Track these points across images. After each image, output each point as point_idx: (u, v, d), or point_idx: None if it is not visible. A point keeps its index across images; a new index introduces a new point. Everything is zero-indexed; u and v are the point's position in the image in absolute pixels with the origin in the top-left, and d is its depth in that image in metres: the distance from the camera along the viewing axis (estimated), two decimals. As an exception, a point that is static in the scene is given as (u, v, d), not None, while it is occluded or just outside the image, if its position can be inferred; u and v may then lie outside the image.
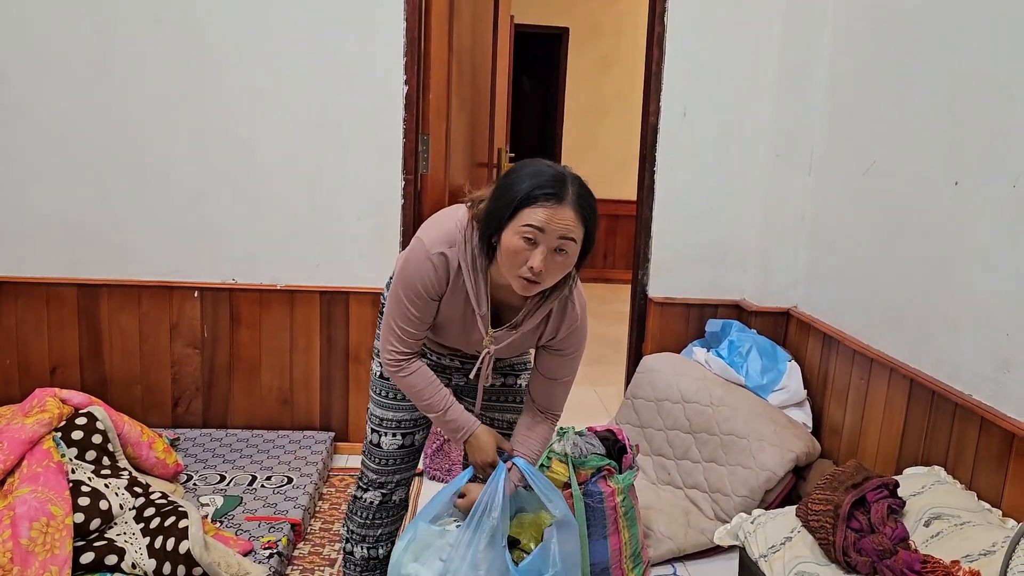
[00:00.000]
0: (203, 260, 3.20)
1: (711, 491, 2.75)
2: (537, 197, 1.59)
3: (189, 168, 3.14)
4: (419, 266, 1.72)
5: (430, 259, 1.71)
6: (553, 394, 1.91)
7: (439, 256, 1.71)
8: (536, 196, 1.59)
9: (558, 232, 1.60)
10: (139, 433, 2.62)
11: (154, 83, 3.07)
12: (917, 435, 2.33)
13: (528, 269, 1.61)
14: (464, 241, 1.71)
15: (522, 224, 1.59)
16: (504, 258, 1.64)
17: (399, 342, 1.81)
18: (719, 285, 3.35)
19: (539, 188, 1.59)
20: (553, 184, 1.60)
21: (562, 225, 1.60)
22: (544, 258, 1.60)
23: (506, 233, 1.61)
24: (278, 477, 2.86)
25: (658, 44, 3.19)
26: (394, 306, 1.79)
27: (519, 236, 1.59)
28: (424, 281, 1.73)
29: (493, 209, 1.64)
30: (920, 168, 2.41)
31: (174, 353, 3.25)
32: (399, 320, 1.79)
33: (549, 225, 1.59)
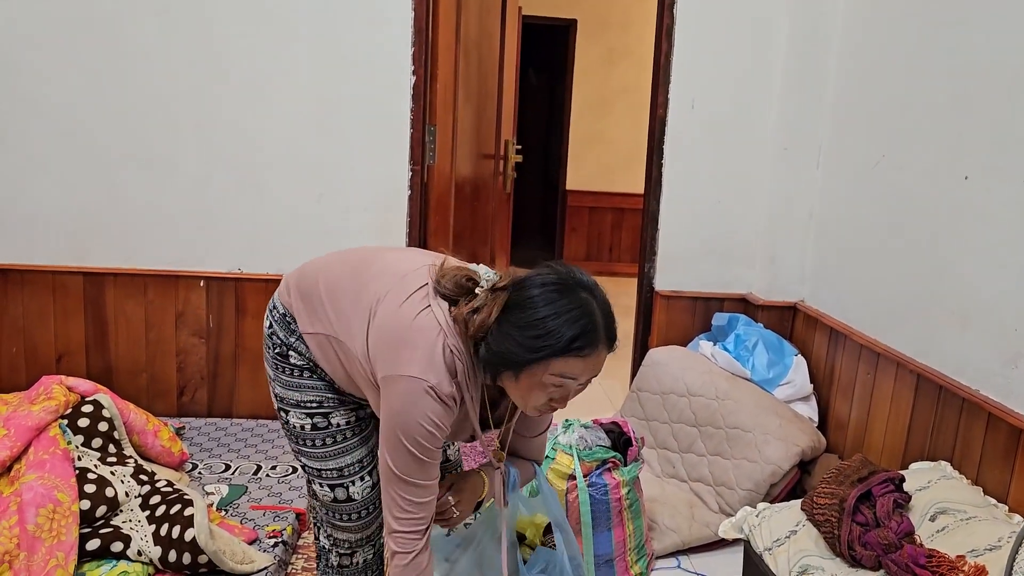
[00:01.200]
0: (209, 250, 3.20)
1: (716, 484, 2.74)
2: (573, 351, 1.41)
3: (195, 158, 3.14)
4: (425, 407, 1.45)
5: (439, 398, 1.45)
6: (540, 447, 1.83)
7: (450, 392, 1.46)
8: (572, 350, 1.41)
9: (592, 375, 1.48)
10: (145, 421, 2.63)
11: (160, 73, 3.07)
12: (923, 430, 2.33)
13: (553, 408, 1.51)
14: (466, 371, 1.48)
15: (555, 374, 1.43)
16: (518, 394, 1.49)
17: (411, 514, 1.50)
18: (726, 279, 3.35)
19: (576, 342, 1.40)
20: (588, 331, 1.41)
21: (597, 368, 1.48)
22: (574, 392, 1.49)
23: (526, 375, 1.44)
24: (283, 466, 2.86)
25: (667, 36, 3.17)
26: (398, 465, 1.48)
27: (548, 383, 1.45)
28: (436, 420, 1.46)
29: (509, 353, 1.43)
30: (929, 162, 2.40)
31: (179, 342, 3.25)
32: (412, 477, 1.49)
33: (584, 374, 1.46)
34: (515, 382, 1.47)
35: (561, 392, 1.47)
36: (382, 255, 1.70)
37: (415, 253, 1.71)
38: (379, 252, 1.73)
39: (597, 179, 7.37)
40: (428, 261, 1.62)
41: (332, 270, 1.71)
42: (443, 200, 3.49)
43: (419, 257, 1.66)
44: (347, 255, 1.76)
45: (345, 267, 1.70)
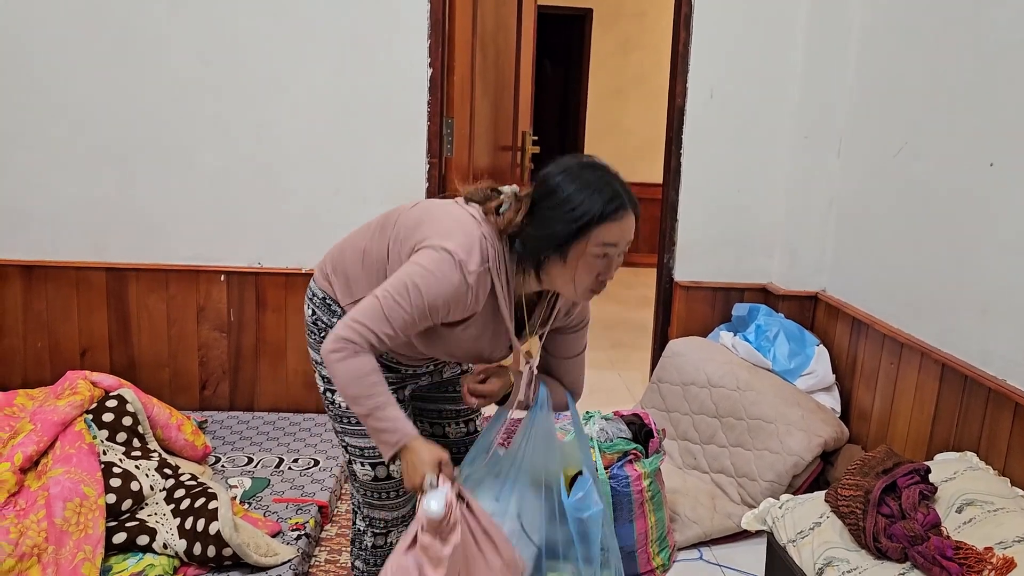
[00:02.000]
0: (229, 244, 3.22)
1: (738, 476, 2.73)
2: (608, 214, 1.51)
3: (214, 152, 3.15)
4: (450, 281, 1.53)
5: (466, 278, 1.53)
6: (577, 373, 1.87)
7: (479, 276, 1.55)
8: (607, 214, 1.51)
9: (629, 238, 1.57)
10: (168, 415, 2.65)
11: (178, 67, 3.08)
12: (949, 420, 2.30)
13: (601, 283, 1.58)
14: (498, 259, 1.58)
15: (597, 244, 1.52)
16: (566, 277, 1.56)
17: (368, 331, 1.54)
18: (746, 269, 3.32)
19: (609, 205, 1.51)
20: (616, 195, 1.53)
21: (631, 230, 1.57)
22: (616, 264, 1.57)
23: (573, 252, 1.53)
24: (305, 459, 2.88)
25: (684, 25, 3.14)
26: (393, 300, 1.54)
27: (593, 256, 1.53)
28: (451, 299, 1.54)
29: (553, 233, 1.53)
30: (952, 149, 2.36)
31: (201, 336, 3.27)
32: (390, 315, 1.54)
33: (623, 235, 1.55)
34: (563, 264, 1.56)
35: (605, 264, 1.56)
36: (402, 209, 1.78)
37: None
38: (398, 208, 1.80)
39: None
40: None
41: (357, 237, 1.80)
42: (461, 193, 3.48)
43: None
44: (368, 223, 1.84)
45: (369, 229, 1.79)
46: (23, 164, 3.12)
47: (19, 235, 3.17)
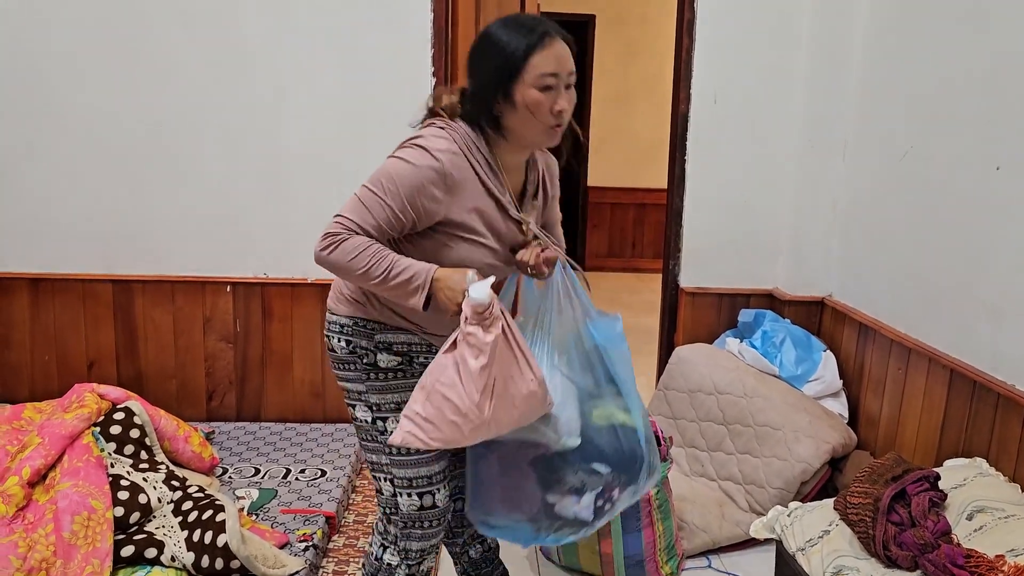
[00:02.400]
0: (234, 255, 3.23)
1: (745, 483, 2.72)
2: (536, 44, 1.57)
3: (219, 164, 3.16)
4: (421, 165, 1.59)
5: (435, 157, 1.59)
6: (560, 236, 1.91)
7: (451, 157, 1.61)
8: (534, 44, 1.57)
9: (567, 67, 1.62)
10: (175, 427, 2.65)
11: (183, 80, 3.09)
12: (958, 426, 2.29)
13: (557, 114, 1.61)
14: (468, 140, 1.64)
15: (537, 75, 1.58)
16: (523, 119, 1.61)
17: (351, 222, 1.61)
18: (751, 274, 3.31)
19: (532, 35, 1.58)
20: (538, 24, 1.60)
21: (567, 58, 1.62)
22: (566, 97, 1.62)
23: (519, 94, 1.59)
24: (312, 470, 2.88)
25: (688, 31, 3.14)
26: (370, 192, 1.62)
27: (536, 88, 1.58)
28: (427, 182, 1.59)
29: (491, 80, 1.59)
30: (959, 153, 2.36)
31: (208, 347, 3.28)
32: (370, 206, 1.60)
33: (560, 64, 1.60)
34: (514, 109, 1.60)
35: (555, 96, 1.60)
36: None
37: None
38: None
39: (619, 174, 7.34)
40: None
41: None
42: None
43: None
44: None
45: None
46: (30, 177, 3.13)
47: (26, 248, 3.19)
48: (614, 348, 1.74)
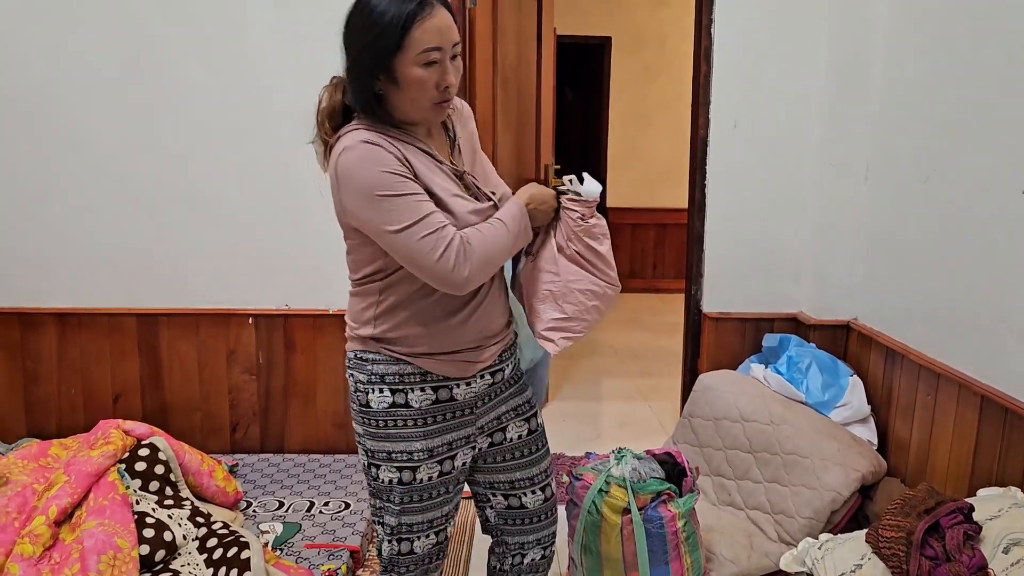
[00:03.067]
0: (257, 287, 3.25)
1: (774, 512, 2.68)
2: (416, 14, 1.45)
3: (240, 196, 3.19)
4: (374, 154, 1.50)
5: (373, 142, 1.51)
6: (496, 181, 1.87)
7: (380, 141, 1.53)
8: (415, 13, 1.45)
9: (452, 38, 1.52)
10: (200, 462, 2.66)
11: (203, 113, 3.13)
12: (990, 454, 2.24)
13: (444, 90, 1.53)
14: (374, 131, 1.54)
15: (419, 51, 1.48)
16: (408, 97, 1.52)
17: (439, 245, 1.50)
18: (775, 298, 3.28)
19: (409, 3, 1.45)
20: None
21: (451, 28, 1.52)
22: (452, 70, 1.53)
23: (400, 70, 1.49)
24: (335, 502, 2.88)
25: (705, 57, 3.14)
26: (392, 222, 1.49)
27: (419, 65, 1.49)
28: (393, 160, 1.51)
29: (369, 58, 1.49)
30: (982, 176, 2.32)
31: (231, 379, 3.29)
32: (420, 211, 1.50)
33: (444, 36, 1.50)
34: (397, 88, 1.51)
35: (441, 71, 1.51)
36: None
37: None
38: None
39: (638, 195, 7.34)
40: None
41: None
42: (486, 229, 3.49)
43: None
44: None
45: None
46: (52, 212, 3.18)
47: (52, 283, 3.23)
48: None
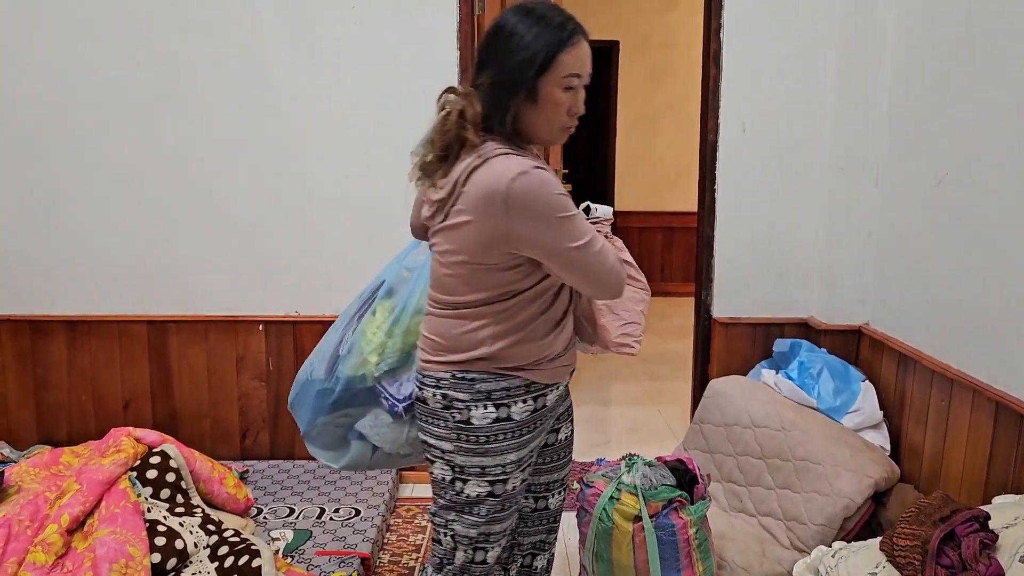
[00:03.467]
0: (266, 294, 3.25)
1: (786, 519, 2.67)
2: (567, 41, 1.54)
3: (249, 203, 3.19)
4: (546, 179, 1.53)
5: (538, 169, 1.52)
6: None
7: (539, 167, 1.55)
8: (566, 40, 1.53)
9: (588, 68, 1.59)
10: (210, 469, 2.66)
11: (213, 121, 3.14)
12: (1006, 461, 2.23)
13: (573, 115, 1.60)
14: (527, 157, 1.56)
15: (564, 75, 1.54)
16: (544, 117, 1.57)
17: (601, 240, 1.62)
18: (785, 303, 3.27)
19: (564, 30, 1.54)
20: (569, 20, 1.56)
21: (589, 59, 1.59)
22: (582, 99, 1.60)
23: (543, 90, 1.55)
24: (346, 509, 2.87)
25: (714, 61, 3.13)
26: (576, 236, 1.55)
27: (560, 87, 1.55)
28: (557, 183, 1.57)
29: (515, 76, 1.52)
30: (997, 180, 2.31)
31: (241, 386, 3.30)
32: (589, 228, 1.59)
33: (584, 65, 1.57)
34: (535, 106, 1.56)
35: (575, 98, 1.59)
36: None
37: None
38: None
39: (645, 198, 7.32)
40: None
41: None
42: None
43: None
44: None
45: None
46: (62, 220, 3.19)
47: (62, 291, 3.24)
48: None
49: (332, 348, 1.98)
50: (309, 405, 1.99)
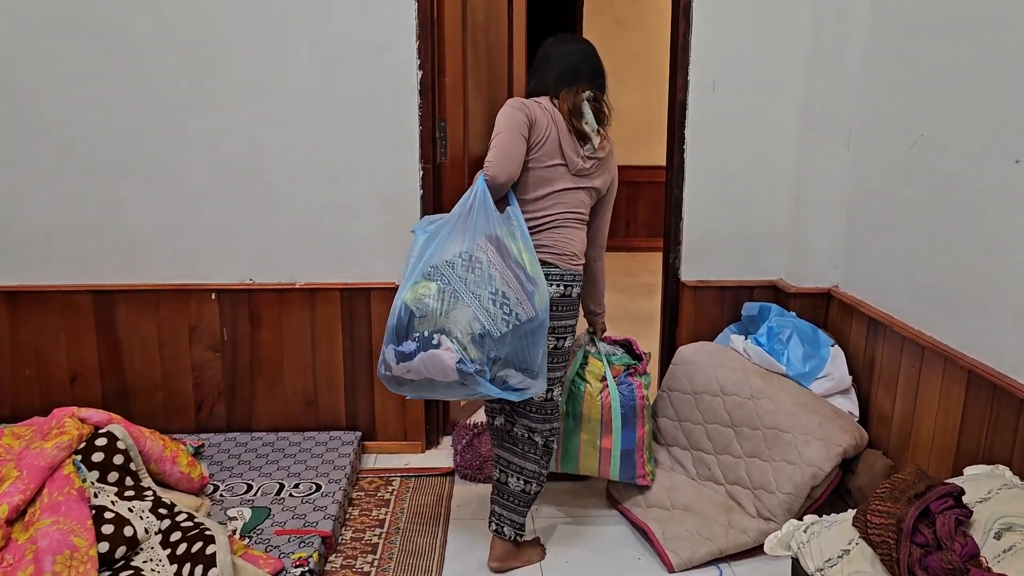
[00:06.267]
0: (219, 261, 3.11)
1: (754, 488, 2.64)
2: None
3: (199, 167, 3.03)
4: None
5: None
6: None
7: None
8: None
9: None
10: (162, 448, 2.55)
11: (158, 80, 2.95)
12: (977, 431, 2.20)
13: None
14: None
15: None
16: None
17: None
18: (755, 266, 3.21)
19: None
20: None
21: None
22: None
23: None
24: (306, 484, 2.78)
25: (684, 15, 3.01)
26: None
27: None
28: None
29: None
30: (974, 144, 2.24)
31: (194, 357, 3.17)
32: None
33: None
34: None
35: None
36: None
37: None
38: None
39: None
40: None
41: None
42: (457, 197, 3.35)
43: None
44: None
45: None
46: (4, 185, 3.00)
47: (2, 260, 3.06)
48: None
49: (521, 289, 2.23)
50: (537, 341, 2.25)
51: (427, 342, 2.13)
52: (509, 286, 2.17)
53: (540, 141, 2.31)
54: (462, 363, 2.10)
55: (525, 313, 2.17)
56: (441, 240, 2.24)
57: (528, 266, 2.21)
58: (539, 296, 2.21)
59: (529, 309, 2.18)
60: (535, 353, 2.20)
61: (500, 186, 2.26)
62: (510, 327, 2.15)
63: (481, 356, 2.12)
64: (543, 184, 2.35)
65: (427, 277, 2.20)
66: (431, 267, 2.21)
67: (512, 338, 2.15)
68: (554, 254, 2.36)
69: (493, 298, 2.15)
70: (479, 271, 2.17)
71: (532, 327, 2.18)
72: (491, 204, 2.24)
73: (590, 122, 2.35)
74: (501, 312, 2.14)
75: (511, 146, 2.25)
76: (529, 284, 2.20)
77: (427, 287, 2.18)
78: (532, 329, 2.18)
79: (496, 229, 2.22)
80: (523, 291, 2.19)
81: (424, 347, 2.13)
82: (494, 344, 2.13)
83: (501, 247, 2.21)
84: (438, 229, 2.28)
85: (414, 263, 2.26)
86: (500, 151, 2.25)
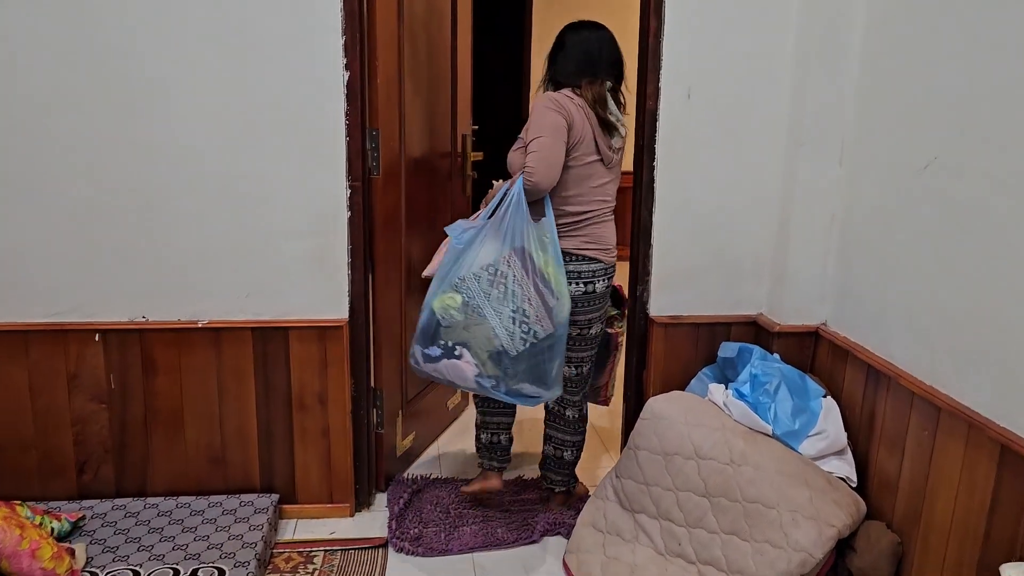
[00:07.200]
0: (104, 296, 2.60)
1: (731, 571, 2.23)
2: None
3: (80, 183, 2.52)
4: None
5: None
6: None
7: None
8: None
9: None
10: (18, 540, 2.06)
11: (31, 79, 2.44)
12: (1013, 515, 1.82)
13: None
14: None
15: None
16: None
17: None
18: (733, 299, 2.82)
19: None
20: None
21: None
22: None
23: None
24: (206, 571, 2.30)
25: (655, 13, 2.60)
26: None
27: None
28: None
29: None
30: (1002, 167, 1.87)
31: (75, 409, 2.65)
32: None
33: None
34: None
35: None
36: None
37: None
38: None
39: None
40: None
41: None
42: (393, 219, 2.90)
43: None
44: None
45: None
46: None
47: None
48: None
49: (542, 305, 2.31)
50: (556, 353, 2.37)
51: (450, 352, 2.29)
52: (530, 302, 2.27)
53: (579, 140, 2.37)
54: (480, 377, 2.28)
55: (544, 329, 2.28)
56: (475, 248, 2.32)
57: (553, 280, 2.31)
58: (560, 309, 2.32)
59: (548, 325, 2.29)
60: (549, 368, 2.31)
61: (540, 192, 2.34)
62: (527, 345, 2.26)
63: (498, 372, 2.28)
64: (583, 180, 2.42)
65: (455, 288, 2.30)
66: (459, 278, 2.30)
67: (528, 355, 2.27)
68: (599, 248, 2.48)
69: (513, 316, 2.26)
70: (502, 287, 2.27)
71: (550, 343, 2.30)
72: (525, 208, 2.33)
73: (614, 112, 2.42)
74: (520, 331, 2.26)
75: (555, 155, 2.32)
76: (551, 298, 2.30)
77: (454, 299, 2.29)
78: (550, 345, 2.30)
79: (526, 239, 2.31)
80: (543, 306, 2.28)
81: (448, 355, 2.30)
82: (511, 362, 2.26)
83: (527, 260, 2.29)
84: (473, 237, 2.35)
85: (446, 268, 2.35)
86: (543, 160, 2.30)
